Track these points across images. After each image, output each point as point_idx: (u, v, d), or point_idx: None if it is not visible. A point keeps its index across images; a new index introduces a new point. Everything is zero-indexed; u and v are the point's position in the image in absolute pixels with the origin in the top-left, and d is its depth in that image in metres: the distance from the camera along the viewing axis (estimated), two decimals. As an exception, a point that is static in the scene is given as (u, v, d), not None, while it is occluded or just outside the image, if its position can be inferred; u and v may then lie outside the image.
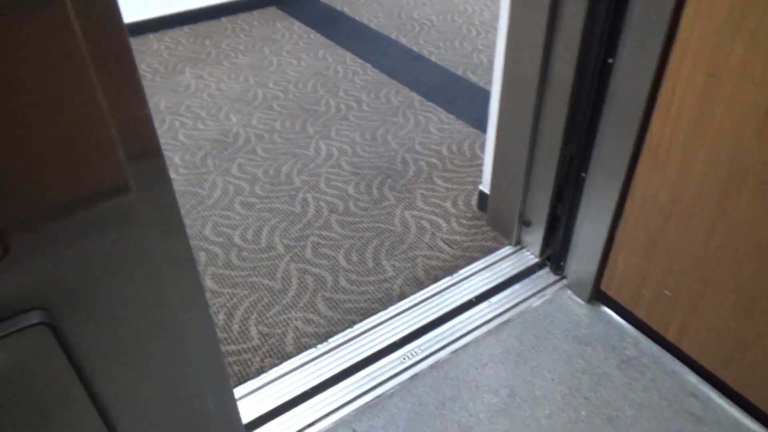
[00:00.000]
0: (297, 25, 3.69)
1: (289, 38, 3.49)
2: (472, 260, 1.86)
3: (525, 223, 1.84)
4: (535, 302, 1.70)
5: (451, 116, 2.64)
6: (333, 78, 3.02)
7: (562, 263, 1.76)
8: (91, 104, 0.62)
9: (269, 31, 3.60)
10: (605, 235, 1.56)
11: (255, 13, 3.87)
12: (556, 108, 1.59)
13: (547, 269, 1.80)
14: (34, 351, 0.75)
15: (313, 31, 3.60)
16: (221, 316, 1.71)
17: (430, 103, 2.76)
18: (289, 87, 2.94)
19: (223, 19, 3.75)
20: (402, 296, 1.75)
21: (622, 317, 1.62)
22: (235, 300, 1.76)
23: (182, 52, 3.32)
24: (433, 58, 3.22)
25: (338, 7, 3.96)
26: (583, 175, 1.59)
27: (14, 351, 0.73)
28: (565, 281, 1.75)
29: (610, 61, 1.43)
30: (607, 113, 1.46)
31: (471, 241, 1.94)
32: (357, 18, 3.78)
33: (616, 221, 1.53)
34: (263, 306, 1.74)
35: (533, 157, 1.72)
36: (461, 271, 1.82)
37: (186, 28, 3.60)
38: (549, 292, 1.73)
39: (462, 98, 2.80)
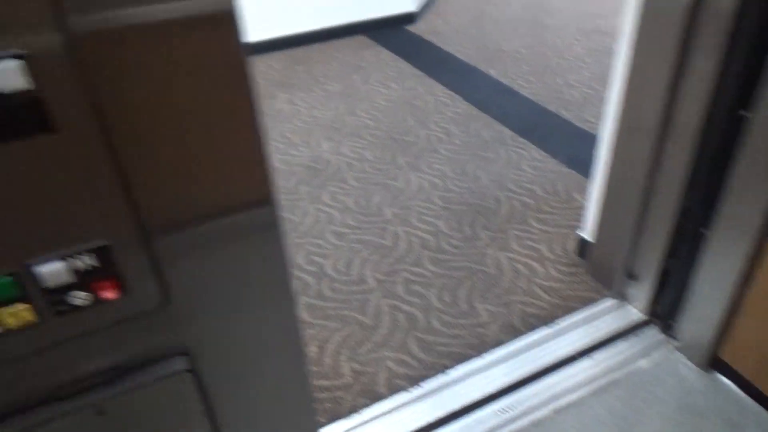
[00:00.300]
0: (385, 54, 3.72)
1: (377, 66, 3.53)
2: (570, 310, 1.78)
3: (631, 276, 1.75)
4: (643, 363, 1.59)
5: (544, 154, 2.57)
6: (422, 108, 3.02)
7: (672, 323, 1.65)
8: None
9: (358, 59, 3.64)
10: (727, 298, 1.45)
11: (345, 40, 3.94)
12: (677, 158, 1.50)
13: (654, 328, 1.70)
14: (173, 396, 0.75)
15: (401, 59, 3.62)
16: (313, 349, 1.69)
17: (522, 139, 2.70)
18: (378, 116, 2.96)
19: (315, 46, 3.83)
20: (497, 343, 1.69)
21: (743, 389, 1.49)
22: (326, 333, 1.75)
23: (275, 77, 3.40)
24: (523, 92, 3.16)
25: (425, 37, 3.98)
26: (703, 231, 1.49)
27: (154, 396, 0.73)
28: (675, 343, 1.64)
29: (744, 113, 1.34)
30: (739, 169, 1.37)
31: (569, 289, 1.86)
32: (445, 48, 3.78)
33: (743, 285, 1.41)
34: (355, 342, 1.71)
35: (646, 207, 1.63)
36: (559, 322, 1.74)
37: (279, 54, 3.70)
38: (658, 354, 1.62)
39: (555, 136, 2.73)
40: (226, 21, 0.54)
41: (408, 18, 4.20)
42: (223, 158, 0.61)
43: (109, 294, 0.60)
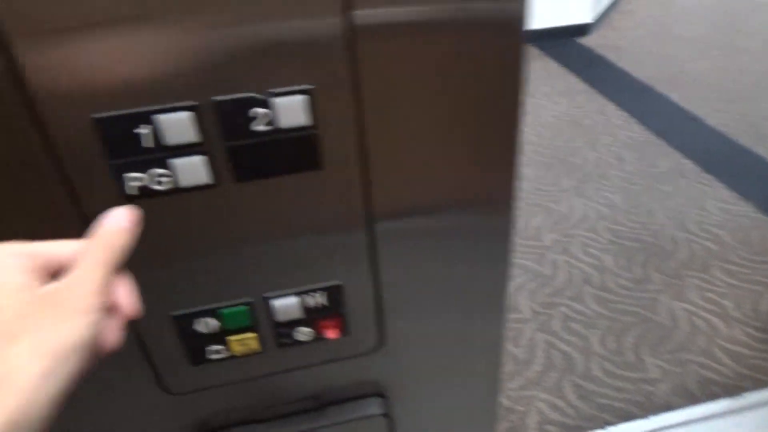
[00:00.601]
0: (554, 66, 3.55)
1: (545, 79, 3.37)
2: (761, 385, 1.54)
3: None
4: None
5: (734, 194, 2.28)
6: (592, 129, 2.82)
7: None
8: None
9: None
10: None
11: (511, 48, 3.81)
12: None
13: None
14: (363, 438, 0.71)
15: (571, 73, 3.43)
16: (461, 375, 1.62)
17: (707, 175, 2.42)
18: (543, 132, 2.81)
19: (480, 52, 3.74)
20: (667, 406, 1.51)
21: None
22: (476, 360, 1.67)
23: (438, 81, 3.37)
24: (710, 121, 2.84)
25: (598, 51, 3.74)
26: None
27: (345, 433, 0.69)
28: None
29: None
30: None
31: (760, 359, 1.62)
32: (620, 65, 3.52)
33: None
34: (506, 374, 1.62)
35: None
36: (747, 396, 1.51)
37: (444, 58, 3.66)
38: None
39: (749, 175, 2.41)
40: (515, 28, 0.47)
41: (581, 30, 3.98)
42: (477, 169, 0.54)
43: (332, 333, 0.57)
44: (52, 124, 0.39)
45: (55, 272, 0.28)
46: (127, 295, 0.30)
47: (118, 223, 0.31)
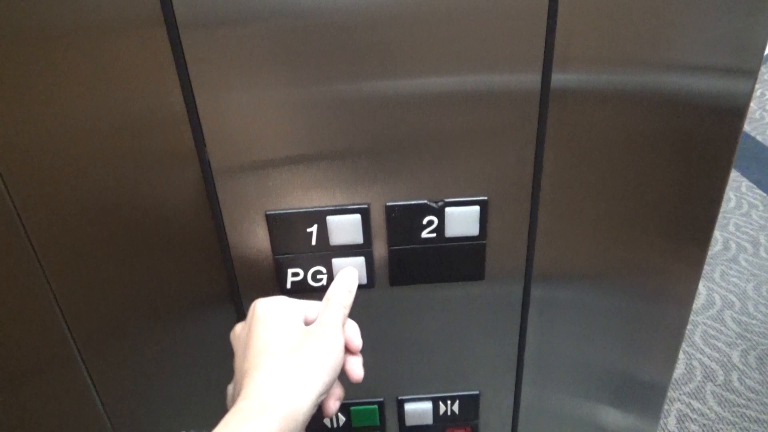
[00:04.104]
0: (681, 133, 3.34)
1: (671, 146, 3.18)
2: None
3: None
4: None
5: None
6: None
7: None
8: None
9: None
10: None
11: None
12: None
13: None
14: None
15: (700, 143, 3.21)
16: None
17: None
18: (666, 204, 2.63)
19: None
20: None
21: None
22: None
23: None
24: None
25: (734, 121, 3.48)
26: None
27: None
28: None
29: None
30: None
31: None
32: (759, 138, 3.26)
33: None
34: (609, 471, 1.48)
35: None
36: None
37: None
38: None
39: None
40: (741, 111, 0.43)
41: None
42: (658, 275, 0.49)
43: (460, 443, 0.53)
44: (228, 217, 0.39)
45: (306, 321, 0.40)
46: (354, 334, 0.41)
47: (345, 287, 0.40)
